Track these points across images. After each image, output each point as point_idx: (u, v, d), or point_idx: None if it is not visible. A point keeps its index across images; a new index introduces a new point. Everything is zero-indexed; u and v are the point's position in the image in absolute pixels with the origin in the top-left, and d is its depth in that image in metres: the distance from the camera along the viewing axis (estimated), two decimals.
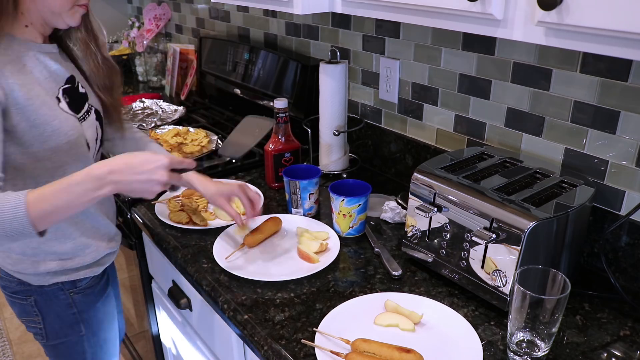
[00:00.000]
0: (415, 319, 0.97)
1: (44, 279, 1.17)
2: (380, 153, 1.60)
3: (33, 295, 1.20)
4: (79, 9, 1.08)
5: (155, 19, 2.66)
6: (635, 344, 0.93)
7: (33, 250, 1.14)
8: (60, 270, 1.17)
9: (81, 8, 1.08)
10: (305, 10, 1.18)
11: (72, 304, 1.23)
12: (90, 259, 1.21)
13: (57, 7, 1.04)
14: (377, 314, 0.99)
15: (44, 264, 1.15)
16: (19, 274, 1.17)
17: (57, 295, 1.21)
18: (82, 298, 1.24)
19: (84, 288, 1.24)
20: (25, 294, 1.20)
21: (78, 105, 1.13)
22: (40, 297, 1.20)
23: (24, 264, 1.15)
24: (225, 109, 2.13)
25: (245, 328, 0.99)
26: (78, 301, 1.24)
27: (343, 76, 1.46)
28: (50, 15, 1.05)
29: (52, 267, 1.16)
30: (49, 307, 1.22)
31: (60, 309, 1.23)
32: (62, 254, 1.16)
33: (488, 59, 1.24)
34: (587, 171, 1.11)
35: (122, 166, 0.90)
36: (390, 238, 1.25)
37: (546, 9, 0.73)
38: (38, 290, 1.19)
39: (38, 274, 1.16)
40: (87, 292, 1.25)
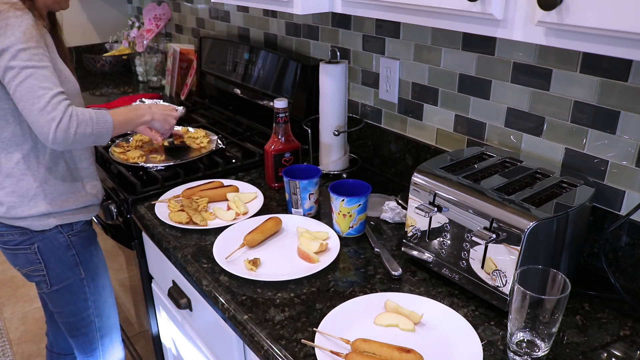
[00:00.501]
0: (415, 319, 0.97)
1: (46, 221, 1.34)
2: (380, 153, 1.60)
3: (35, 242, 1.36)
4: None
5: (155, 19, 2.66)
6: (635, 344, 0.93)
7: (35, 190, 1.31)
8: (59, 213, 1.35)
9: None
10: (305, 10, 1.18)
11: (71, 245, 1.40)
12: (82, 202, 1.39)
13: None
14: (377, 314, 0.99)
15: (44, 204, 1.33)
16: (22, 220, 1.32)
17: (57, 238, 1.37)
18: (79, 240, 1.42)
19: (79, 231, 1.41)
20: (28, 242, 1.35)
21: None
22: (42, 243, 1.36)
23: (25, 207, 1.31)
24: (225, 109, 2.13)
25: (245, 328, 0.99)
26: (75, 243, 1.41)
27: (343, 76, 1.46)
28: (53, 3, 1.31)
29: (52, 209, 1.33)
30: (51, 251, 1.37)
31: (60, 252, 1.39)
32: (59, 194, 1.34)
33: (488, 59, 1.24)
34: (587, 171, 1.11)
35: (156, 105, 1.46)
36: (390, 238, 1.25)
37: (546, 9, 0.73)
38: (39, 236, 1.35)
39: (40, 216, 1.33)
40: (81, 235, 1.42)
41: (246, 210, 1.37)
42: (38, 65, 1.16)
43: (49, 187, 1.33)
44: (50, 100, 1.15)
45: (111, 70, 2.85)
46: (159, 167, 1.59)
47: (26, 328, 2.60)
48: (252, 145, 1.75)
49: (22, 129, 1.27)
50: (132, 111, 1.37)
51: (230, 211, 1.36)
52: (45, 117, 1.14)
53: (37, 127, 1.16)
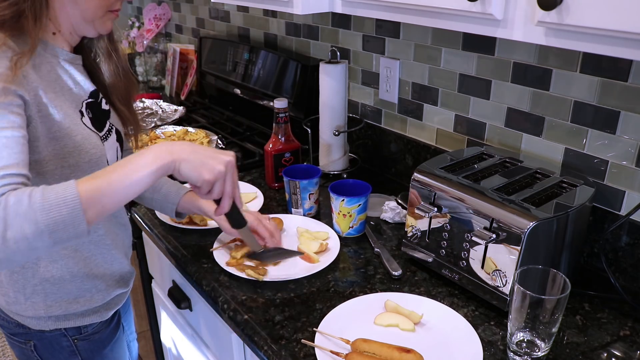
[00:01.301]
0: (415, 319, 0.97)
1: (45, 323, 1.04)
2: (380, 153, 1.60)
3: (32, 340, 1.06)
4: (111, 15, 0.98)
5: (155, 19, 2.66)
6: (635, 344, 0.93)
7: (33, 287, 1.00)
8: (64, 315, 1.04)
9: (113, 14, 0.99)
10: (305, 10, 1.18)
11: (77, 352, 1.09)
12: (98, 302, 1.06)
13: (91, 14, 0.95)
14: (377, 314, 0.99)
15: (44, 307, 1.01)
16: (17, 316, 1.04)
17: (60, 341, 1.07)
18: (88, 345, 1.09)
19: (90, 334, 1.09)
20: (24, 337, 1.06)
21: (101, 122, 1.03)
22: (40, 343, 1.06)
23: (21, 305, 1.01)
24: (225, 109, 2.13)
25: (245, 328, 0.99)
26: (83, 349, 1.09)
27: (343, 76, 1.46)
28: (82, 23, 0.97)
29: (54, 311, 1.02)
30: (51, 354, 1.08)
31: (62, 357, 1.09)
32: (65, 294, 1.02)
33: (488, 59, 1.24)
34: (587, 171, 1.11)
35: (187, 144, 0.87)
36: (390, 238, 1.25)
37: (546, 9, 0.73)
38: (38, 335, 1.05)
39: (39, 318, 1.03)
40: (93, 338, 1.10)
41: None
42: None
43: (51, 286, 1.00)
44: None
45: None
46: None
47: None
48: (252, 145, 1.75)
49: None
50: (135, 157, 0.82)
51: None
52: None
53: None
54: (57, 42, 0.97)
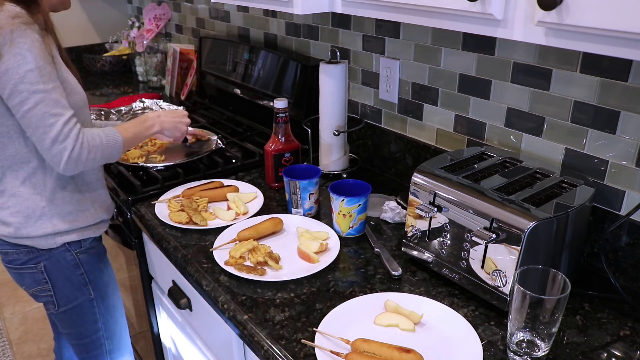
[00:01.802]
0: (415, 319, 0.97)
1: (52, 240, 1.27)
2: (380, 153, 1.60)
3: (42, 261, 1.28)
4: None
5: (155, 19, 2.66)
6: (635, 344, 0.93)
7: (42, 210, 1.24)
8: (66, 230, 1.27)
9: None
10: (305, 10, 1.18)
11: (79, 263, 1.32)
12: (91, 220, 1.32)
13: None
14: (377, 314, 0.99)
15: (51, 225, 1.25)
16: (27, 239, 1.25)
17: (65, 256, 1.30)
18: (87, 258, 1.34)
19: (88, 248, 1.34)
20: (34, 261, 1.28)
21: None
22: (48, 262, 1.29)
23: (32, 227, 1.24)
24: (225, 109, 2.13)
25: (245, 328, 0.99)
26: (84, 261, 1.33)
27: (343, 76, 1.46)
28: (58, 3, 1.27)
29: (59, 227, 1.26)
30: (58, 270, 1.30)
31: (68, 271, 1.31)
32: (67, 214, 1.28)
33: (488, 59, 1.24)
34: (587, 171, 1.11)
35: (166, 112, 1.42)
36: (390, 238, 1.25)
37: (546, 9, 0.73)
38: (46, 254, 1.28)
39: (46, 235, 1.26)
40: (90, 252, 1.35)
41: (246, 210, 1.37)
42: (47, 89, 1.10)
43: (57, 207, 1.26)
44: (62, 129, 1.11)
45: (111, 70, 2.85)
46: (159, 167, 1.59)
47: (26, 328, 2.60)
48: (252, 145, 1.75)
49: (27, 146, 1.20)
50: (140, 124, 1.33)
51: (230, 211, 1.36)
52: (57, 147, 1.12)
53: (49, 155, 1.13)
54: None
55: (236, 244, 1.18)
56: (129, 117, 2.07)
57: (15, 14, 1.09)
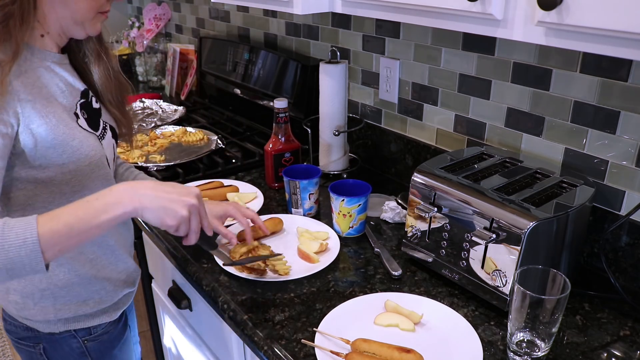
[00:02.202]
0: (415, 319, 0.97)
1: (55, 326, 1.03)
2: (380, 153, 1.60)
3: (42, 342, 1.05)
4: (101, 16, 0.97)
5: (155, 19, 2.66)
6: (635, 344, 0.93)
7: (42, 292, 1.00)
8: (73, 317, 1.04)
9: (103, 16, 0.98)
10: (305, 10, 1.18)
11: (86, 353, 1.08)
12: (107, 302, 1.07)
13: (81, 15, 0.93)
14: (377, 314, 0.99)
15: (54, 311, 1.01)
16: (26, 320, 1.03)
17: (69, 343, 1.06)
18: (98, 346, 1.09)
19: (100, 334, 1.09)
20: (33, 341, 1.05)
21: (95, 122, 1.02)
22: (49, 345, 1.06)
23: (30, 310, 1.01)
24: (225, 109, 2.13)
25: (245, 328, 0.99)
26: (92, 349, 1.09)
27: (343, 76, 1.46)
28: (72, 24, 0.94)
29: (64, 314, 1.02)
30: (60, 356, 1.07)
31: (72, 359, 1.09)
32: (75, 296, 1.02)
33: (488, 59, 1.24)
34: (587, 171, 1.11)
35: (151, 184, 0.84)
36: (390, 238, 1.25)
37: (546, 9, 0.73)
38: (47, 337, 1.05)
39: (48, 321, 1.03)
40: (103, 338, 1.10)
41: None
42: None
43: (60, 289, 1.00)
44: None
45: None
46: (159, 167, 1.59)
47: None
48: (252, 145, 1.75)
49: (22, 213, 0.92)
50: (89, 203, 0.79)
51: None
52: None
53: None
54: (45, 45, 0.95)
55: (236, 244, 1.18)
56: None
57: None
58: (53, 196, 0.94)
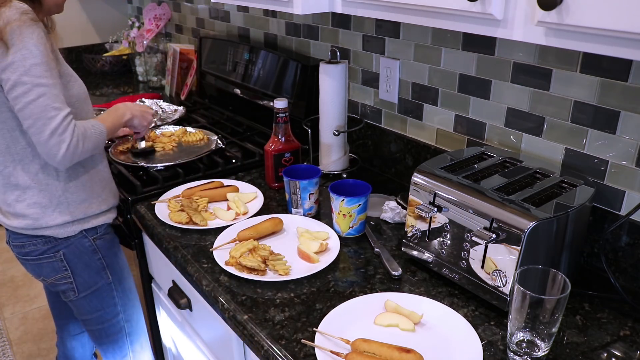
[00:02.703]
0: (415, 319, 0.97)
1: (71, 228, 1.32)
2: (380, 153, 1.60)
3: (61, 249, 1.33)
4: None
5: (155, 19, 2.66)
6: (635, 344, 0.93)
7: (58, 199, 1.29)
8: (83, 218, 1.33)
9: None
10: (305, 10, 1.18)
11: (97, 249, 1.37)
12: (104, 206, 1.37)
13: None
14: (377, 313, 0.99)
15: (69, 212, 1.30)
16: (46, 229, 1.30)
17: (82, 243, 1.35)
18: (103, 243, 1.39)
19: (103, 234, 1.39)
20: (53, 250, 1.33)
21: None
22: (67, 250, 1.33)
23: (50, 216, 1.29)
24: (225, 109, 2.13)
25: (245, 328, 0.99)
26: (101, 246, 1.38)
27: (343, 76, 1.46)
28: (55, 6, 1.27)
29: (77, 215, 1.32)
30: (77, 256, 1.35)
31: (87, 257, 1.36)
32: (82, 201, 1.32)
33: (488, 59, 1.24)
34: (587, 171, 1.11)
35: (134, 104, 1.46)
36: (390, 238, 1.25)
37: (546, 9, 0.73)
38: (64, 242, 1.33)
39: (65, 224, 1.31)
40: (106, 237, 1.40)
41: (246, 210, 1.37)
42: (50, 83, 1.14)
43: (71, 194, 1.30)
44: (62, 122, 1.14)
45: (111, 70, 2.85)
46: (159, 167, 1.59)
47: (26, 328, 2.60)
48: (252, 145, 1.75)
49: None
50: (114, 112, 1.38)
51: (230, 211, 1.36)
52: (56, 139, 1.14)
53: (45, 147, 1.15)
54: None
55: (236, 244, 1.18)
56: None
57: (24, 10, 1.13)
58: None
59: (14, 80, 1.11)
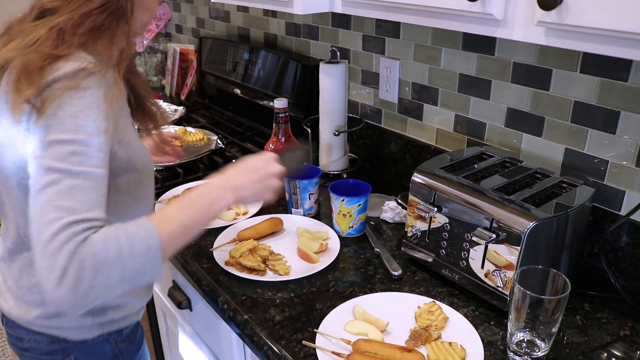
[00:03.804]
0: (381, 327, 0.94)
1: (89, 331, 0.98)
2: (380, 153, 1.60)
3: (72, 353, 0.99)
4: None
5: (155, 19, 2.66)
6: (635, 344, 0.93)
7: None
8: (108, 322, 1.00)
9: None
10: (305, 10, 1.18)
11: (119, 354, 1.05)
12: (138, 303, 1.07)
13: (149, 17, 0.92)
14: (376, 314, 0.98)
15: (91, 315, 0.97)
16: (56, 330, 0.97)
17: (103, 347, 1.01)
18: (128, 346, 1.07)
19: (129, 334, 1.07)
20: (62, 353, 0.98)
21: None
22: (82, 355, 1.00)
23: (66, 317, 0.95)
24: (225, 109, 2.13)
25: (245, 328, 0.99)
26: (125, 350, 1.06)
27: (343, 76, 1.46)
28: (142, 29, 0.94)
29: (100, 319, 0.98)
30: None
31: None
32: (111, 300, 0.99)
33: (488, 59, 1.24)
34: (587, 171, 1.11)
35: (238, 171, 0.93)
36: (390, 238, 1.25)
37: (546, 9, 0.73)
38: (79, 346, 0.99)
39: (83, 327, 0.97)
40: (131, 338, 1.08)
41: (246, 210, 1.37)
42: (71, 171, 0.74)
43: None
44: (58, 234, 0.71)
45: None
46: (159, 167, 1.59)
47: None
48: (252, 145, 1.75)
49: None
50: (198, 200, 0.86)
51: (230, 211, 1.36)
52: (43, 261, 0.71)
53: (37, 273, 0.72)
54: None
55: (236, 244, 1.18)
56: None
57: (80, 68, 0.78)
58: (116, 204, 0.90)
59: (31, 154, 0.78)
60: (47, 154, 0.75)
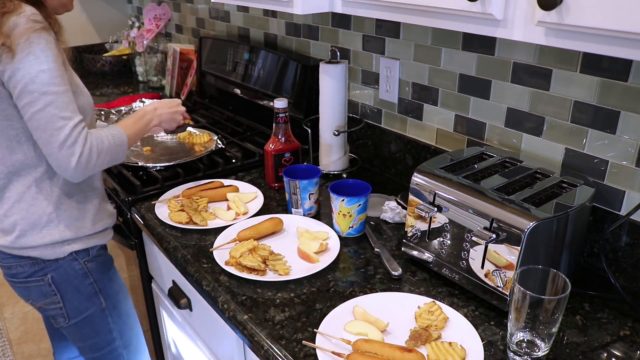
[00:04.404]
0: (381, 327, 0.95)
1: (60, 249, 1.23)
2: (380, 153, 1.60)
3: (49, 272, 1.24)
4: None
5: (155, 19, 2.66)
6: (635, 344, 0.93)
7: (48, 216, 1.21)
8: (73, 238, 1.24)
9: None
10: (305, 10, 1.18)
11: (88, 272, 1.29)
12: (98, 227, 1.29)
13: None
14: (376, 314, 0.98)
15: (58, 232, 1.22)
16: (33, 250, 1.21)
17: (73, 266, 1.26)
18: (96, 266, 1.30)
19: (96, 256, 1.30)
20: (41, 273, 1.24)
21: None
22: (56, 273, 1.25)
23: (38, 234, 1.20)
24: (225, 109, 2.13)
25: (245, 328, 0.99)
26: (93, 270, 1.29)
27: (343, 76, 1.46)
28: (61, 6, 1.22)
29: (66, 235, 1.23)
30: (66, 280, 1.26)
31: (77, 281, 1.28)
32: (74, 220, 1.24)
33: (488, 59, 1.24)
34: (587, 171, 1.11)
35: (161, 104, 1.39)
36: (390, 238, 1.25)
37: (546, 9, 0.73)
38: (53, 265, 1.24)
39: (54, 244, 1.22)
40: (99, 260, 1.31)
41: (246, 210, 1.37)
42: (58, 91, 1.07)
43: (63, 213, 1.22)
44: (71, 133, 1.08)
45: (111, 70, 2.85)
46: (159, 167, 1.59)
47: (26, 328, 2.60)
48: (252, 145, 1.75)
49: (36, 150, 1.16)
50: (140, 119, 1.30)
51: (230, 211, 1.36)
52: (64, 151, 1.08)
53: (55, 160, 1.09)
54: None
55: (236, 244, 1.18)
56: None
57: (34, 16, 1.07)
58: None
59: (20, 89, 1.06)
60: (36, 83, 1.05)
